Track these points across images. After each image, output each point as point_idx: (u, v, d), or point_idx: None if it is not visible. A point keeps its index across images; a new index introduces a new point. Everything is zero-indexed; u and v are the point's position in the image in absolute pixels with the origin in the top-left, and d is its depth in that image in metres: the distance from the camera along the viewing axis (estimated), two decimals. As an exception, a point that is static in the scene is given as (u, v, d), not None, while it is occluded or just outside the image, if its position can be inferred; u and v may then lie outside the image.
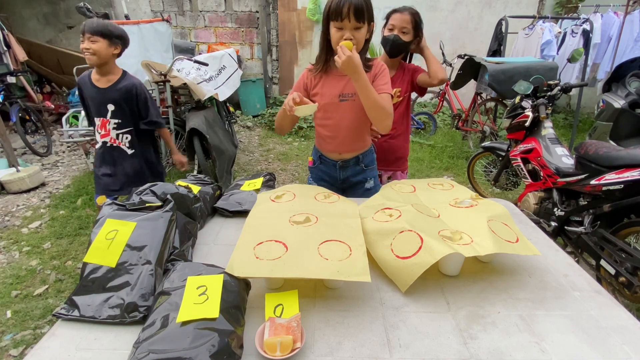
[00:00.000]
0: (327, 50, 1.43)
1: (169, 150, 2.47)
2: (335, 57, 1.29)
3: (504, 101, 4.27)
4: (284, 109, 1.38)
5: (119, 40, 1.99)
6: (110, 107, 2.04)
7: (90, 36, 1.89)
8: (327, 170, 1.66)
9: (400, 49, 1.79)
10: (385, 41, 1.78)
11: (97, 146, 2.14)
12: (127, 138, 2.12)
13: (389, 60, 1.83)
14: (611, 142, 3.12)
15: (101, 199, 2.15)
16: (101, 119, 2.07)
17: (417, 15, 1.78)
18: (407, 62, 1.97)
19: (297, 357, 0.75)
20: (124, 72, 2.10)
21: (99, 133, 2.10)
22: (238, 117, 5.80)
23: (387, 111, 1.38)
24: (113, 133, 2.09)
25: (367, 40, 1.41)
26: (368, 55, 1.49)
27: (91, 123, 2.17)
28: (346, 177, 1.63)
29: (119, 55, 2.04)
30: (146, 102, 2.12)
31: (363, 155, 1.61)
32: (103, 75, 2.03)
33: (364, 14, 1.29)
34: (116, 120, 2.07)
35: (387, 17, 1.81)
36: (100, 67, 2.01)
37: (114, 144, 2.11)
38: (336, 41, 1.34)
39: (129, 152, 2.14)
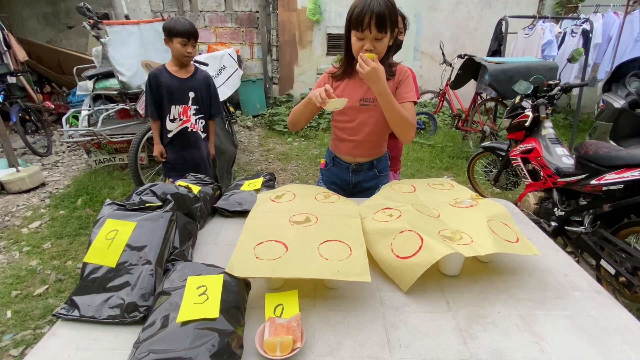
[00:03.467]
0: (349, 55, 1.40)
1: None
2: (357, 67, 1.25)
3: (504, 101, 4.27)
4: (307, 101, 1.36)
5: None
6: (191, 95, 2.28)
7: (194, 42, 2.13)
8: (339, 173, 1.63)
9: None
10: None
11: (171, 134, 2.32)
12: (201, 123, 2.38)
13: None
14: (611, 142, 3.12)
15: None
16: (183, 105, 2.29)
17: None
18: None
19: (297, 357, 0.75)
20: (194, 65, 2.37)
21: (181, 120, 2.31)
22: (238, 117, 5.80)
23: (410, 122, 1.35)
24: (192, 118, 2.33)
25: (391, 47, 1.36)
26: (393, 60, 1.44)
27: (159, 113, 2.30)
28: (358, 182, 1.61)
29: None
30: (216, 91, 2.40)
31: (378, 161, 1.59)
32: (182, 68, 2.26)
33: (386, 24, 1.24)
34: (195, 107, 2.32)
35: None
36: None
37: (193, 129, 2.35)
38: (357, 51, 1.31)
39: (203, 135, 2.41)
